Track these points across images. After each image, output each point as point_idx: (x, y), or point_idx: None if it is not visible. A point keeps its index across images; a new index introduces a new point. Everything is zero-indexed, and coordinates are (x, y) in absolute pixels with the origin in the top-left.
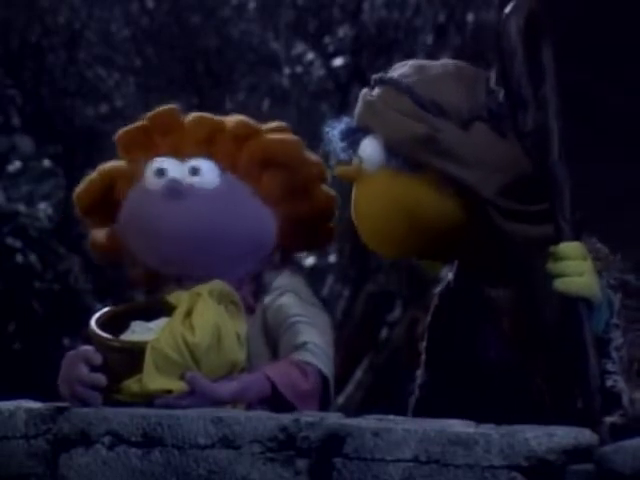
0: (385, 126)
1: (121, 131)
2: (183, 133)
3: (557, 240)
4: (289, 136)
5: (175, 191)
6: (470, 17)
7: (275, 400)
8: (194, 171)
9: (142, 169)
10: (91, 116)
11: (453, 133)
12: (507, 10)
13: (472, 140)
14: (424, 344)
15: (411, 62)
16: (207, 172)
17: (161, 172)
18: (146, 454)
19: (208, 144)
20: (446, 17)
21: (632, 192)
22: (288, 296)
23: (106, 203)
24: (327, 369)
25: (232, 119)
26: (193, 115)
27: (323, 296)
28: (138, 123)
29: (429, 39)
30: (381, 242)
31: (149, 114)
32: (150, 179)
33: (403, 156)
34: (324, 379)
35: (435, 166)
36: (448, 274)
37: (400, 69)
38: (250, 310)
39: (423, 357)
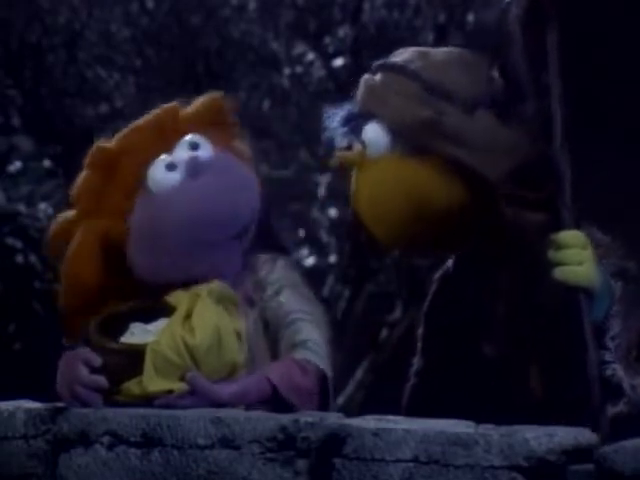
0: (390, 110)
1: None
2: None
3: (557, 228)
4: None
5: (198, 165)
6: (470, 17)
7: (275, 401)
8: (194, 146)
9: (138, 184)
10: (91, 116)
11: (458, 117)
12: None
13: (476, 125)
14: (420, 330)
15: (412, 49)
16: (203, 144)
17: (171, 166)
18: (146, 454)
19: (183, 129)
20: (446, 17)
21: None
22: (286, 292)
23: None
24: (326, 366)
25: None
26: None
27: (323, 296)
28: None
29: (429, 39)
30: (386, 229)
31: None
32: (159, 179)
33: (408, 140)
34: (323, 376)
35: (440, 149)
36: (448, 260)
37: (402, 55)
38: (251, 303)
39: (419, 344)
